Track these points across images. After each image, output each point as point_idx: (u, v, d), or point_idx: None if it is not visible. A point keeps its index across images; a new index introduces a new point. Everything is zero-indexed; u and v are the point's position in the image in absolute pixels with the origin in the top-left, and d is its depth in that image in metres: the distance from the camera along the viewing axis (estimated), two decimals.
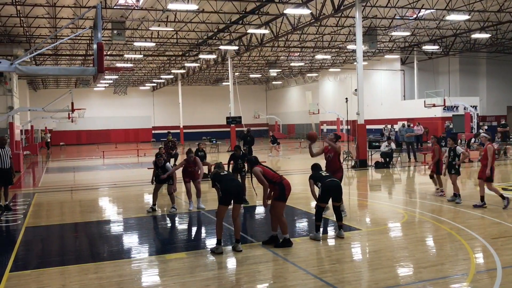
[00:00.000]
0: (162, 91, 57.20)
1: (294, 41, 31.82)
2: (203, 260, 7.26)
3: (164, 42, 30.30)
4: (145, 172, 19.90)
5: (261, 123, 60.47)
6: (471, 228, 8.58)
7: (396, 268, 6.63)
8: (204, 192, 14.95)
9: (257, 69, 47.61)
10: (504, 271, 6.18)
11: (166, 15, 23.80)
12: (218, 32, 28.26)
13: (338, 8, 20.71)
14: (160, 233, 9.62)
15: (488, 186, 10.40)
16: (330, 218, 10.28)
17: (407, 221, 9.58)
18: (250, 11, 23.09)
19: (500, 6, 23.83)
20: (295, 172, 19.50)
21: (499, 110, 37.85)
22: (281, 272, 6.54)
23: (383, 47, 35.04)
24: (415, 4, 23.25)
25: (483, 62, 38.10)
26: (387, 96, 40.41)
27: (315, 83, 52.46)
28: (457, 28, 29.52)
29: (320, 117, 48.29)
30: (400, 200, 12.67)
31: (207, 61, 39.33)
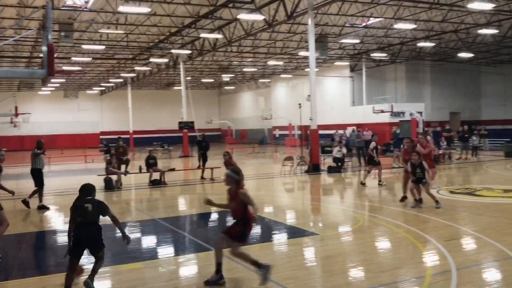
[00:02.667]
0: (111, 95, 55.73)
1: (247, 47, 31.89)
2: (161, 270, 7.03)
3: (114, 45, 29.54)
4: (93, 179, 19.25)
5: (214, 128, 60.14)
6: (425, 231, 8.81)
7: (356, 273, 6.68)
8: (156, 200, 14.63)
9: (209, 73, 47.37)
10: (459, 272, 6.35)
11: (116, 18, 23.22)
12: (170, 36, 27.86)
13: (291, 15, 20.94)
14: (114, 242, 9.21)
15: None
16: (283, 222, 10.28)
17: (362, 225, 9.72)
18: (203, 15, 22.91)
19: (443, 16, 24.90)
20: (249, 177, 19.43)
21: (443, 116, 39.50)
22: (241, 280, 6.43)
23: (333, 54, 35.76)
24: (365, 13, 23.89)
25: (428, 69, 39.69)
26: (337, 102, 41.26)
27: (267, 89, 52.82)
28: (404, 36, 30.60)
29: (273, 122, 48.64)
30: (354, 204, 12.88)
31: (159, 65, 38.71)
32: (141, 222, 10.86)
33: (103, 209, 6.20)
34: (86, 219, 6.06)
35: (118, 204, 13.86)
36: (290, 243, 8.53)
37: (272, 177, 19.59)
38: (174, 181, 18.41)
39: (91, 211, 6.07)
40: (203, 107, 57.77)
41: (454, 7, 22.30)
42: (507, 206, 11.17)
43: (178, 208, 13.21)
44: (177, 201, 14.31)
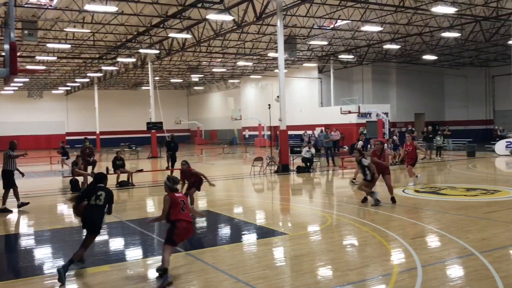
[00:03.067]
0: (77, 95, 54.56)
1: (216, 47, 31.81)
2: (129, 272, 6.93)
3: (80, 44, 28.96)
4: (58, 181, 18.84)
5: (183, 129, 59.71)
6: (391, 229, 8.99)
7: (324, 272, 6.76)
8: (124, 201, 14.42)
9: (178, 73, 47.01)
10: (424, 269, 6.51)
11: (82, 16, 22.76)
12: (138, 35, 27.51)
13: (260, 16, 21.02)
14: (79, 245, 9.01)
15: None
16: (253, 222, 10.31)
17: (331, 224, 9.84)
18: (172, 15, 22.72)
19: (408, 19, 25.50)
20: (218, 178, 19.40)
21: (408, 117, 40.45)
22: (211, 281, 6.41)
23: (302, 55, 36.08)
24: (332, 15, 24.20)
25: (393, 71, 40.57)
26: (306, 103, 41.65)
27: (237, 89, 52.82)
28: (370, 39, 31.16)
29: (243, 122, 48.67)
30: (322, 203, 13.02)
31: (126, 64, 38.16)
32: (108, 224, 10.65)
33: (111, 198, 7.14)
34: (96, 203, 6.95)
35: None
36: (260, 243, 8.55)
37: (242, 177, 19.60)
38: (142, 182, 18.19)
39: (104, 197, 6.98)
40: (172, 108, 57.29)
41: (418, 11, 22.86)
42: (469, 204, 11.52)
43: (146, 209, 13.05)
44: (145, 203, 14.14)
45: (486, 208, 10.91)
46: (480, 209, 10.84)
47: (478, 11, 24.06)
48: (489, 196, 12.82)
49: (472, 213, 10.31)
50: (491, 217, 9.93)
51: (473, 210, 10.73)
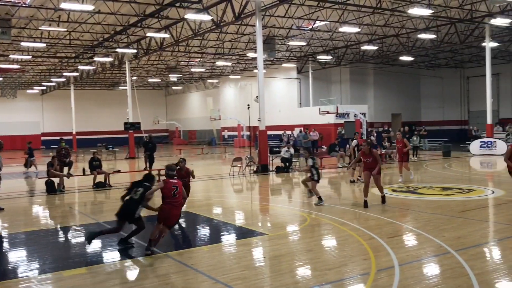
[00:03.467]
0: (53, 95, 53.58)
1: (194, 47, 31.65)
2: (106, 274, 6.83)
3: (56, 43, 28.45)
4: (34, 182, 18.48)
5: (161, 129, 59.24)
6: (369, 228, 9.08)
7: (303, 271, 6.79)
8: (101, 203, 14.23)
9: (156, 73, 46.62)
10: (401, 268, 6.59)
11: (58, 15, 22.36)
12: (115, 34, 27.16)
13: (239, 16, 21.00)
14: (55, 248, 8.87)
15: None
16: (232, 222, 10.29)
17: (309, 224, 9.89)
18: (149, 14, 22.51)
19: (385, 21, 25.83)
20: (197, 179, 19.27)
21: (385, 117, 40.94)
22: (190, 282, 6.36)
23: (280, 56, 36.18)
24: (311, 16, 24.35)
25: (371, 72, 41.03)
26: (285, 103, 41.78)
27: (216, 89, 52.66)
28: (348, 40, 31.45)
29: (222, 123, 48.54)
30: (301, 203, 13.06)
31: (103, 64, 37.65)
32: (85, 226, 10.51)
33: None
34: (132, 197, 8.14)
35: (61, 207, 13.36)
36: (239, 243, 8.54)
37: (221, 178, 19.55)
38: (120, 183, 17.95)
39: (140, 193, 8.08)
40: (150, 108, 56.79)
41: (395, 12, 23.16)
42: (445, 203, 11.72)
43: None
44: None
45: (462, 207, 11.11)
46: (455, 208, 11.04)
47: (453, 13, 24.52)
48: (464, 195, 13.06)
49: (448, 212, 10.49)
50: (466, 215, 10.12)
51: (449, 209, 10.91)
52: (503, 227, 9.07)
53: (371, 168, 11.40)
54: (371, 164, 11.42)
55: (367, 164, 11.53)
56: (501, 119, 38.10)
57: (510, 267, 6.60)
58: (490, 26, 26.61)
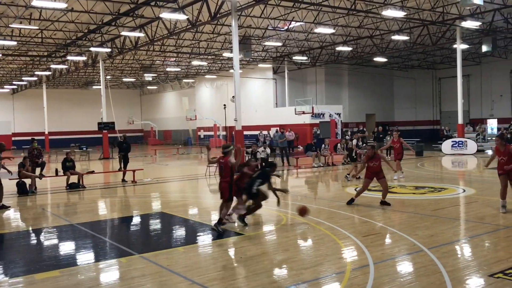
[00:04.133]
0: (24, 94, 52.37)
1: (170, 46, 31.42)
2: (80, 277, 6.72)
3: (27, 41, 27.82)
4: (5, 183, 17.99)
5: (136, 129, 58.56)
6: (344, 227, 9.18)
7: (279, 271, 6.82)
8: (74, 204, 13.98)
9: (131, 73, 46.08)
10: (376, 266, 6.69)
11: (29, 12, 21.88)
12: (88, 33, 26.72)
13: (215, 16, 20.93)
14: (27, 250, 8.67)
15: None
16: (208, 223, 10.27)
17: (285, 224, 9.94)
18: (124, 13, 22.25)
19: (360, 22, 26.14)
20: (173, 179, 19.17)
21: (359, 117, 41.48)
22: (166, 283, 6.31)
23: (256, 56, 36.24)
24: (286, 16, 24.47)
25: (345, 73, 41.48)
26: (261, 103, 41.87)
27: (191, 89, 52.37)
28: (323, 40, 31.72)
29: (197, 123, 48.30)
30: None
31: (76, 63, 37.01)
32: (58, 227, 10.32)
33: (266, 176, 9.90)
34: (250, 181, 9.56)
35: (33, 209, 13.09)
36: (215, 244, 8.51)
37: (197, 178, 19.45)
38: (94, 184, 17.71)
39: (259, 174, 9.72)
40: (124, 107, 56.07)
41: (369, 14, 23.47)
42: (418, 202, 11.95)
43: (98, 212, 12.71)
44: (97, 205, 13.77)
45: (434, 206, 11.34)
46: (428, 206, 11.25)
47: (426, 15, 25.01)
48: (437, 194, 13.34)
49: (421, 211, 10.69)
50: (439, 214, 10.33)
51: (422, 207, 11.12)
52: (474, 225, 9.29)
53: (375, 172, 11.23)
54: (376, 169, 11.21)
55: (372, 168, 11.23)
56: (472, 119, 39.06)
57: (480, 263, 6.77)
58: (461, 28, 27.23)
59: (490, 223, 9.34)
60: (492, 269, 6.44)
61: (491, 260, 6.90)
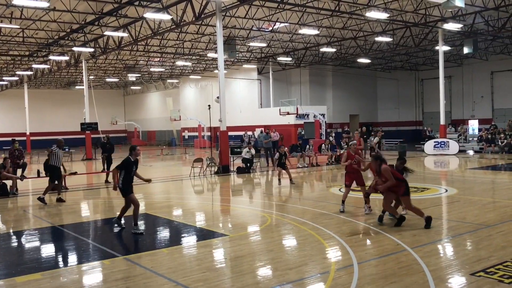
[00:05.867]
0: (5, 94, 51.50)
1: (154, 46, 31.21)
2: (62, 280, 6.63)
3: (8, 40, 27.39)
4: None
5: (119, 130, 58.05)
6: (328, 227, 9.22)
7: (264, 272, 6.82)
8: (57, 205, 13.80)
9: (114, 73, 45.67)
10: (360, 266, 6.74)
11: (10, 11, 21.54)
12: (71, 33, 26.40)
13: (199, 16, 20.87)
14: (7, 253, 8.51)
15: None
16: (192, 224, 10.22)
17: (270, 224, 9.95)
18: (107, 12, 22.04)
19: (344, 24, 26.30)
20: (156, 180, 19.04)
21: (343, 118, 41.72)
22: (150, 285, 6.27)
23: (241, 56, 36.23)
24: (271, 17, 24.51)
25: (330, 74, 41.70)
26: (246, 104, 41.86)
27: (176, 89, 52.12)
28: (308, 42, 31.85)
29: (182, 123, 48.10)
30: (262, 203, 13.12)
31: (58, 62, 36.55)
32: (39, 229, 10.18)
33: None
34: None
35: (14, 211, 12.88)
36: (200, 245, 8.48)
37: (181, 179, 19.37)
38: (76, 185, 17.51)
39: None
40: (108, 108, 55.58)
41: (353, 15, 23.64)
42: None
43: (81, 213, 12.57)
44: (80, 207, 13.61)
45: (417, 206, 11.42)
46: None
47: (409, 17, 25.28)
48: (419, 194, 13.47)
49: None
50: None
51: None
52: (456, 224, 9.42)
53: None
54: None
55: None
56: (453, 120, 39.59)
57: (462, 262, 6.86)
58: (442, 30, 27.59)
59: (472, 222, 9.47)
60: (473, 267, 6.53)
61: (472, 259, 7.00)
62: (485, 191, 14.16)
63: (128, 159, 9.32)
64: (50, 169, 13.92)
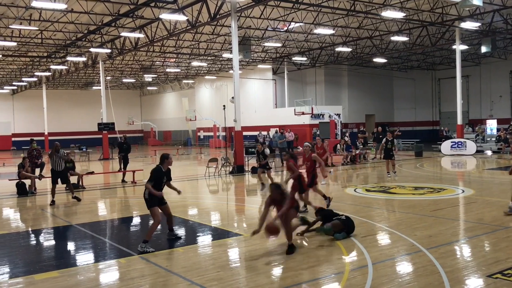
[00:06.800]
0: (24, 95, 52.41)
1: (170, 47, 31.44)
2: (79, 278, 6.74)
3: (27, 41, 27.85)
4: (5, 184, 18.05)
5: (136, 130, 58.59)
6: None
7: (278, 272, 6.83)
8: (74, 205, 14.00)
9: (130, 73, 46.10)
10: (374, 267, 6.71)
11: (29, 13, 21.90)
12: (88, 34, 26.74)
13: (214, 17, 20.97)
14: (26, 251, 8.68)
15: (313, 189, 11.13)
16: (207, 224, 10.27)
17: None
18: (124, 13, 22.27)
19: (359, 23, 26.17)
20: (173, 179, 19.15)
21: (359, 118, 41.49)
22: (165, 284, 6.33)
23: (256, 57, 36.27)
24: (286, 17, 24.50)
25: (345, 73, 41.51)
26: (261, 104, 41.90)
27: (191, 90, 52.39)
28: (323, 41, 31.74)
29: (197, 123, 48.35)
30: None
31: (76, 63, 37.04)
32: (57, 228, 10.34)
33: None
34: None
35: (32, 210, 13.10)
36: (214, 244, 8.53)
37: (196, 179, 19.48)
38: (93, 185, 17.73)
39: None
40: (124, 108, 56.12)
41: (369, 15, 23.50)
42: (417, 202, 11.96)
43: (98, 213, 12.73)
44: (96, 206, 13.79)
45: (433, 206, 11.35)
46: (427, 207, 11.27)
47: (425, 16, 25.03)
48: (436, 194, 13.35)
49: (420, 211, 10.70)
50: (437, 214, 10.34)
51: (421, 208, 11.14)
52: (473, 225, 9.31)
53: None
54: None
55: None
56: (471, 120, 39.09)
57: (479, 264, 6.78)
58: (460, 29, 27.26)
59: (489, 223, 9.35)
60: (490, 269, 6.45)
61: (489, 260, 6.92)
62: (503, 192, 13.93)
63: (159, 168, 8.37)
64: (52, 173, 13.70)
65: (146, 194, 8.17)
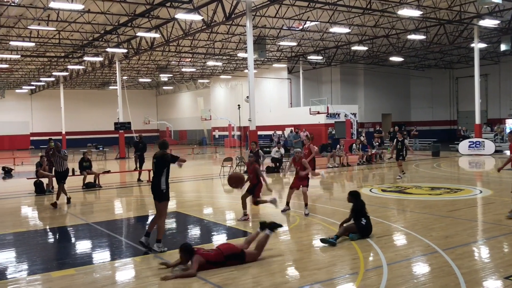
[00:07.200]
0: (42, 95, 53.17)
1: (185, 47, 31.58)
2: (95, 275, 6.81)
3: (45, 42, 28.24)
4: (23, 183, 18.34)
5: (152, 129, 59.00)
6: None
7: (292, 271, 6.82)
8: (91, 203, 14.16)
9: (147, 73, 46.45)
10: (389, 267, 6.65)
11: (47, 14, 22.21)
12: (105, 34, 27.03)
13: (229, 16, 21.00)
14: (44, 248, 8.81)
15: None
16: (222, 223, 10.30)
17: (299, 224, 9.93)
18: (140, 13, 22.44)
19: (376, 22, 25.96)
20: (187, 179, 19.27)
21: (375, 117, 41.14)
22: (180, 282, 6.36)
23: (271, 56, 36.22)
24: (301, 16, 24.41)
25: (361, 72, 41.20)
26: (276, 103, 41.84)
27: (206, 89, 52.57)
28: (339, 40, 31.56)
29: (212, 123, 48.51)
30: (291, 203, 13.06)
31: (93, 63, 37.45)
32: (74, 226, 10.47)
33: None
34: None
35: (50, 208, 13.27)
36: None
37: (211, 178, 19.54)
38: (110, 183, 17.90)
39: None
40: (140, 108, 56.57)
41: (385, 13, 23.30)
42: (433, 203, 11.83)
43: (114, 211, 12.85)
44: (113, 205, 13.92)
45: (450, 207, 11.21)
46: (443, 207, 11.14)
47: (442, 14, 24.72)
48: (453, 194, 13.18)
49: (436, 212, 10.58)
50: (454, 215, 10.22)
51: (437, 208, 11.01)
52: (490, 226, 9.17)
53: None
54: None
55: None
56: (489, 119, 38.48)
57: (496, 265, 6.68)
58: (478, 27, 26.86)
59: (508, 224, 9.20)
60: (508, 271, 6.35)
61: (507, 262, 6.81)
62: None
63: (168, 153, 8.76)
64: (55, 174, 13.62)
65: (163, 184, 8.31)
